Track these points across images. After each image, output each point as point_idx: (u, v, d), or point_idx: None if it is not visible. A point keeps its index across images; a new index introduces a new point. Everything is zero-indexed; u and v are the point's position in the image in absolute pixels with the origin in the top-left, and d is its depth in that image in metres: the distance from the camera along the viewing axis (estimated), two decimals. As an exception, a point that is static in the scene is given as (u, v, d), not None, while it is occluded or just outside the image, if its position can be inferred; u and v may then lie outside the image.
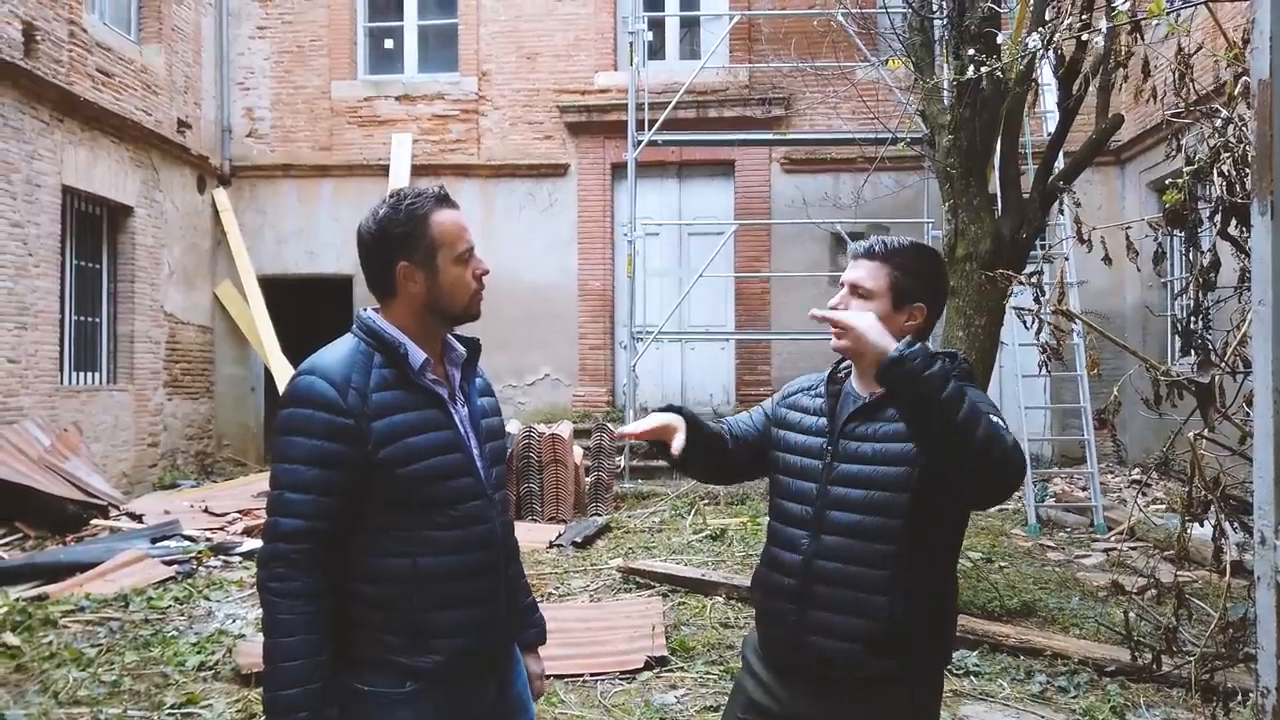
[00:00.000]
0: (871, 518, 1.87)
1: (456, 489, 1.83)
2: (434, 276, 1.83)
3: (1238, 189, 2.82)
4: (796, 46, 10.37)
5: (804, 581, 1.91)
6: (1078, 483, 9.59)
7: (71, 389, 9.30)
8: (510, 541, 1.97)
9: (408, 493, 1.79)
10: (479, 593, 1.86)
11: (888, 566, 1.85)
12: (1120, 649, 4.51)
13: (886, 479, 1.86)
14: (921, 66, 5.89)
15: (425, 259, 1.83)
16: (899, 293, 1.91)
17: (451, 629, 1.81)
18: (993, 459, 1.67)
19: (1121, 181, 11.24)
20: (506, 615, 1.94)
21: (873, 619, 1.85)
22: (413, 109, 11.98)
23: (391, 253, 1.83)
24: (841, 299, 1.94)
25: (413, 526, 1.80)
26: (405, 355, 1.82)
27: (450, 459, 1.83)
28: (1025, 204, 5.43)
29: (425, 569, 1.80)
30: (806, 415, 2.04)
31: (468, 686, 1.87)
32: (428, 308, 1.86)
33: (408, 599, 1.79)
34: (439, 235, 1.83)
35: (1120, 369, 9.34)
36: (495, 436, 1.98)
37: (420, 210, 1.83)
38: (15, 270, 8.32)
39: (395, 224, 1.82)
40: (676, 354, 11.69)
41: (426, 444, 1.80)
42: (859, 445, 1.92)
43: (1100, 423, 3.80)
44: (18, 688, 4.34)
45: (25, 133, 8.47)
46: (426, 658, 1.79)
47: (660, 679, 4.45)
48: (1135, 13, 3.69)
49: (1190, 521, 2.94)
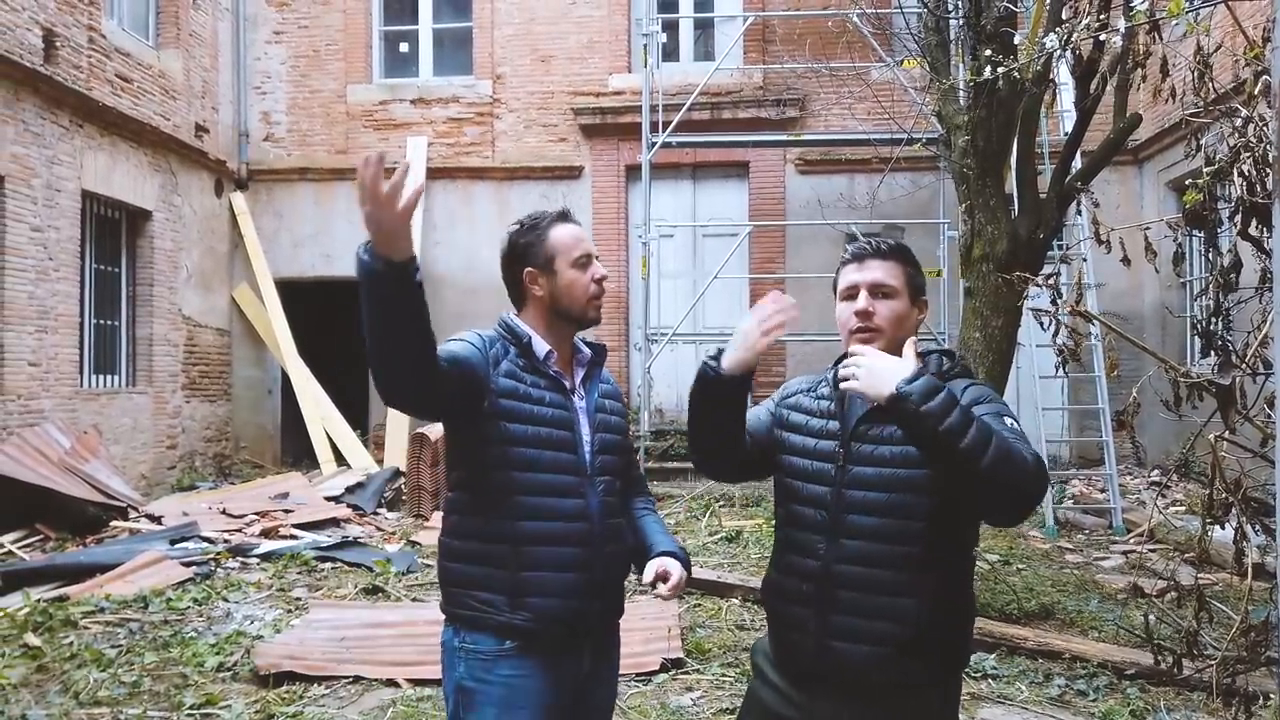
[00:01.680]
0: (893, 520, 1.85)
1: (557, 460, 2.04)
2: (553, 279, 2.12)
3: (1258, 189, 2.79)
4: (811, 47, 10.36)
5: (825, 587, 1.89)
6: (1096, 484, 9.52)
7: (91, 392, 9.38)
8: (611, 523, 2.11)
9: (513, 451, 2.00)
10: (574, 560, 2.03)
11: (911, 569, 1.84)
12: (1139, 652, 4.49)
13: (910, 481, 1.84)
14: (937, 67, 5.87)
15: (546, 265, 2.12)
16: (913, 288, 1.98)
17: (546, 589, 2.00)
18: (1000, 483, 1.68)
19: (1140, 181, 11.16)
20: (603, 589, 2.10)
21: (900, 622, 1.83)
22: (428, 112, 12.02)
23: (520, 262, 2.14)
24: (866, 299, 1.93)
25: (514, 489, 2.01)
26: (530, 343, 2.09)
27: (558, 433, 2.06)
28: (1042, 204, 5.40)
29: (525, 531, 2.00)
30: (812, 417, 2.01)
31: (563, 653, 2.05)
32: (551, 309, 2.13)
33: (506, 558, 2.00)
34: (557, 243, 2.13)
35: (1139, 370, 9.28)
36: (610, 430, 2.18)
37: (542, 224, 2.15)
38: (36, 274, 8.40)
39: (521, 237, 2.15)
40: (691, 356, 11.67)
41: (539, 412, 2.04)
42: (876, 448, 1.89)
43: (1119, 424, 3.73)
44: (39, 688, 4.38)
45: (45, 138, 8.56)
46: (521, 615, 1.99)
47: (676, 681, 4.45)
48: (1154, 12, 3.66)
49: (1211, 524, 2.92)
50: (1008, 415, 1.84)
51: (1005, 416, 1.83)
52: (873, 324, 1.91)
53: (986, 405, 1.85)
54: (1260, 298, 3.01)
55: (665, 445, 10.70)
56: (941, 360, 2.00)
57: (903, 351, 1.85)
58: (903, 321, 1.94)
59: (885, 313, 1.92)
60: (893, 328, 1.92)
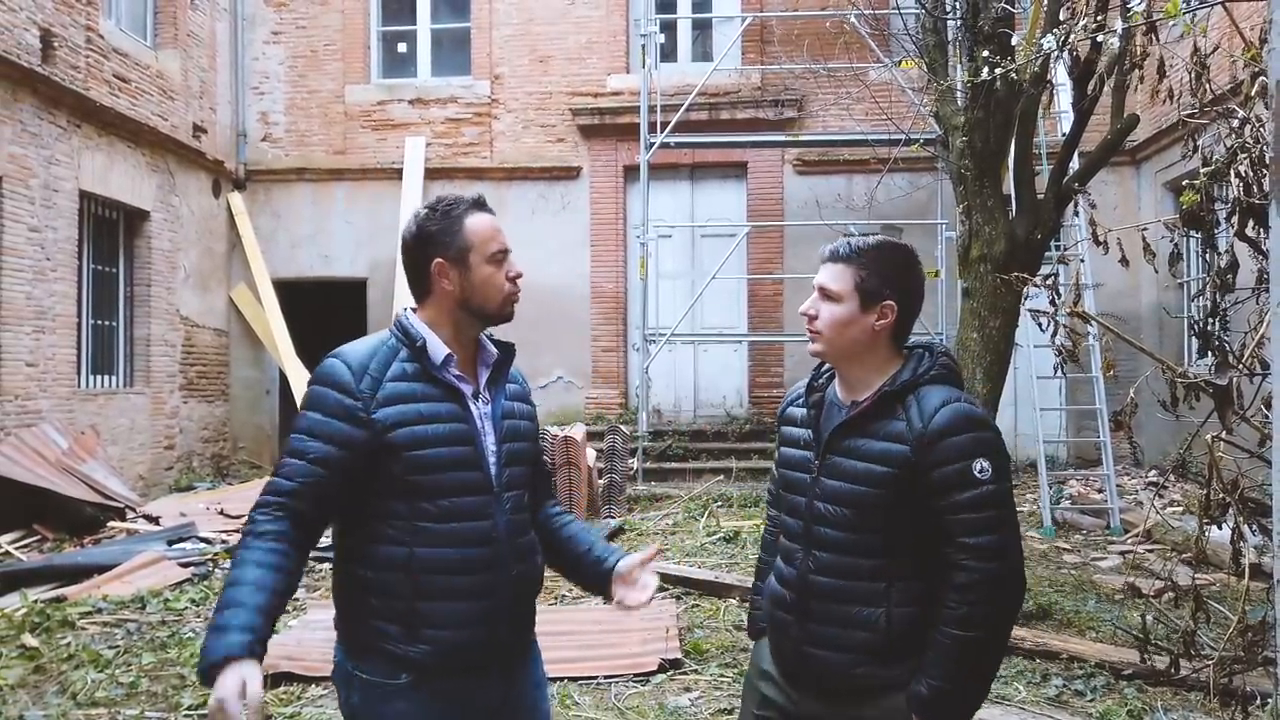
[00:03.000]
0: (856, 535, 1.86)
1: (460, 481, 1.87)
2: (466, 274, 1.92)
3: (1255, 190, 2.79)
4: (809, 48, 10.36)
5: (801, 596, 1.92)
6: (1094, 485, 9.53)
7: (89, 392, 9.38)
8: (519, 542, 1.96)
9: (411, 479, 1.84)
10: (475, 587, 1.87)
11: (878, 579, 1.85)
12: (1137, 651, 4.48)
13: (866, 499, 1.85)
14: (935, 68, 5.87)
15: (459, 257, 1.91)
16: (865, 293, 1.89)
17: (444, 621, 1.84)
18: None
19: (1138, 182, 11.17)
20: (513, 612, 1.94)
21: (870, 630, 1.85)
22: (426, 112, 12.02)
23: (427, 250, 1.92)
24: (812, 302, 1.95)
25: (413, 516, 1.85)
26: (424, 348, 1.89)
27: (458, 451, 1.88)
28: (1040, 205, 5.41)
29: (420, 559, 1.84)
30: (796, 428, 2.03)
31: (468, 681, 1.89)
32: (460, 305, 1.93)
33: (403, 587, 1.84)
34: (472, 235, 1.92)
35: (1137, 370, 9.29)
36: (518, 438, 2.00)
37: (455, 211, 1.93)
38: (33, 274, 8.39)
39: (431, 223, 1.93)
40: (689, 356, 11.69)
41: (435, 433, 1.86)
42: (844, 461, 1.89)
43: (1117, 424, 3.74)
44: (37, 689, 4.38)
45: (43, 138, 8.55)
46: (419, 647, 1.83)
47: (674, 681, 4.45)
48: (1151, 13, 3.67)
49: (1208, 524, 2.92)
50: (981, 460, 1.79)
51: (977, 464, 1.79)
52: (812, 327, 1.93)
53: (955, 465, 1.79)
54: (1257, 298, 3.01)
55: (663, 446, 10.70)
56: (922, 358, 1.94)
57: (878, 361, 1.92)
58: (846, 327, 1.89)
59: (825, 317, 1.91)
60: (832, 331, 1.90)
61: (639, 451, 10.14)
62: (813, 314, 1.93)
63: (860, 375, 1.93)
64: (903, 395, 1.86)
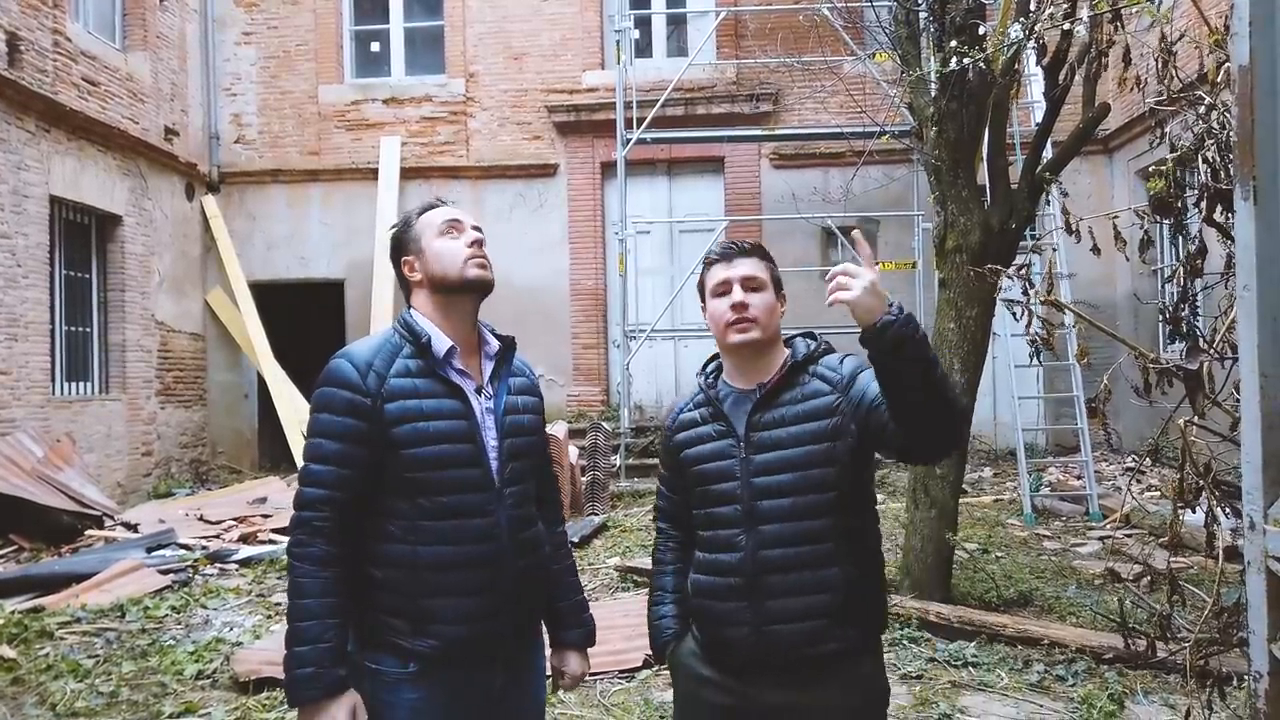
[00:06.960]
0: (803, 497, 1.95)
1: (460, 479, 1.91)
2: (422, 256, 2.02)
3: (1222, 175, 2.82)
4: (783, 42, 10.38)
5: (752, 576, 1.96)
6: (1072, 471, 9.62)
7: (64, 399, 9.27)
8: (523, 537, 2.00)
9: (412, 476, 1.88)
10: (476, 584, 1.91)
11: (830, 538, 1.95)
12: (1116, 636, 4.53)
13: (811, 457, 1.95)
14: (908, 59, 5.89)
15: (415, 247, 2.04)
16: (776, 282, 2.10)
17: (448, 616, 1.90)
18: (944, 398, 1.80)
19: (1110, 170, 11.27)
20: (516, 608, 1.99)
21: (829, 590, 1.93)
22: (401, 112, 11.96)
23: (397, 255, 2.08)
24: (742, 295, 2.03)
25: (414, 514, 1.90)
26: (429, 344, 1.95)
27: (459, 449, 1.92)
28: (1014, 195, 5.44)
29: (423, 557, 1.89)
30: (700, 427, 2.10)
31: (472, 673, 1.95)
32: (431, 286, 2.01)
33: (408, 585, 1.90)
34: (422, 224, 2.06)
35: (1113, 357, 9.35)
36: (520, 433, 2.05)
37: (412, 215, 2.09)
38: (4, 282, 8.29)
39: (397, 232, 2.10)
40: (670, 352, 11.69)
41: (436, 430, 1.90)
42: (771, 433, 1.99)
43: (1091, 411, 3.77)
44: (15, 700, 4.33)
45: (11, 143, 8.44)
46: (425, 641, 1.89)
47: (659, 677, 4.45)
48: (1115, 1, 3.69)
49: (1182, 508, 2.94)
50: None
51: None
52: (748, 315, 2.02)
53: (869, 372, 1.94)
54: (1226, 283, 3.03)
55: (645, 442, 10.70)
56: (808, 343, 2.10)
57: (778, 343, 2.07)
58: (774, 312, 2.06)
59: (759, 304, 2.04)
60: (766, 317, 2.04)
61: (621, 448, 10.13)
62: (746, 303, 2.02)
63: (770, 358, 2.07)
64: (805, 366, 2.05)
